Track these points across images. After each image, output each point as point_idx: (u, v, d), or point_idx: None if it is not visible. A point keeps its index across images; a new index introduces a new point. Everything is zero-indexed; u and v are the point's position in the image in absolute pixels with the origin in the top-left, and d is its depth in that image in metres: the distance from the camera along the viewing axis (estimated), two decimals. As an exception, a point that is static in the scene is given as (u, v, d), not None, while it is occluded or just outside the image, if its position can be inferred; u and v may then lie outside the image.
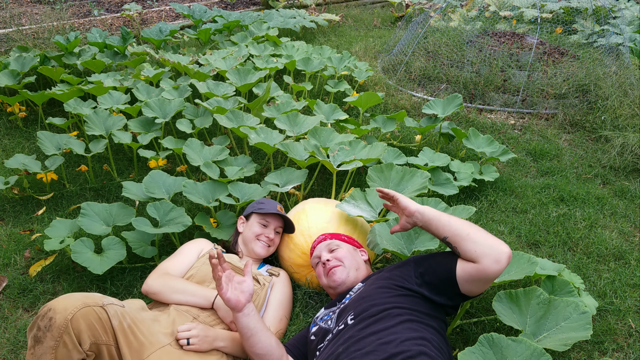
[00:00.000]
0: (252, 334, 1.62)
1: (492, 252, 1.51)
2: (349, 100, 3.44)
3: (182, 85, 3.50)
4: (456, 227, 1.60)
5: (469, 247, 1.55)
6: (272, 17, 5.58)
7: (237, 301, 1.61)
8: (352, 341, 1.48)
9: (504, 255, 1.50)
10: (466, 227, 1.58)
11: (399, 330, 1.46)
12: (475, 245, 1.54)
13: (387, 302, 1.57)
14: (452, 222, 1.62)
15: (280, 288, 2.04)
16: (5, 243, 2.45)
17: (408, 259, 1.75)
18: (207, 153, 2.79)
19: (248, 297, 1.63)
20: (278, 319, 1.93)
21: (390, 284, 1.64)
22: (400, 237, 2.11)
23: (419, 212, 1.69)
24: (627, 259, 2.43)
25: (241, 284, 1.64)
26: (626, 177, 3.21)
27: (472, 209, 2.18)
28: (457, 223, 1.61)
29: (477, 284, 1.57)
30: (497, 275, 1.52)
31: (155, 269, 1.96)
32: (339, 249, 1.97)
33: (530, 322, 1.80)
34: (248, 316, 1.62)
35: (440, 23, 5.16)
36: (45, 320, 1.37)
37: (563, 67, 4.22)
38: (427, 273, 1.64)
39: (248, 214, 2.25)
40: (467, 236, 1.56)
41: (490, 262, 1.51)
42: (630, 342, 1.96)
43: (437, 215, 1.65)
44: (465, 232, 1.57)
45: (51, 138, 2.92)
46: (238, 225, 2.25)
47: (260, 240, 2.14)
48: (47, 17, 5.28)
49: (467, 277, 1.56)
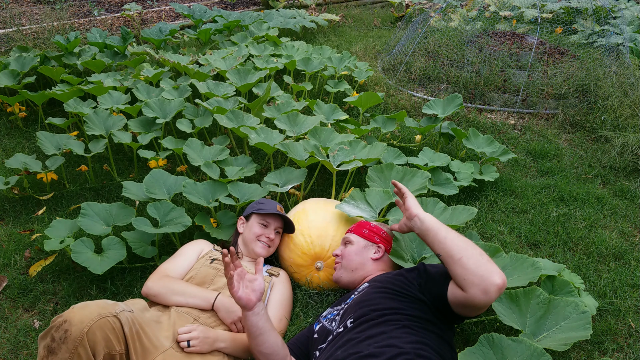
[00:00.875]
0: (261, 333, 1.62)
1: (482, 283, 1.41)
2: (349, 100, 3.44)
3: (182, 85, 3.50)
4: (451, 247, 1.51)
5: (458, 273, 1.47)
6: (272, 17, 5.58)
7: (248, 300, 1.60)
8: (350, 344, 1.48)
9: (494, 287, 1.40)
10: (460, 250, 1.49)
11: (398, 335, 1.46)
12: (465, 272, 1.45)
13: (388, 307, 1.56)
14: (447, 241, 1.53)
15: (280, 288, 2.04)
16: (5, 243, 2.45)
17: (418, 265, 1.71)
18: (207, 153, 2.79)
19: (259, 295, 1.62)
20: (278, 318, 1.93)
21: (391, 289, 1.63)
22: (412, 240, 2.10)
23: (418, 217, 1.64)
24: (627, 259, 2.43)
25: (252, 282, 1.63)
26: (626, 177, 3.21)
27: (474, 209, 2.17)
28: (453, 243, 1.52)
29: (467, 310, 1.51)
30: (485, 305, 1.44)
31: (155, 271, 1.96)
32: (349, 246, 2.01)
33: (530, 322, 1.80)
34: (258, 315, 1.62)
35: (440, 23, 5.16)
36: (61, 332, 1.37)
37: (563, 67, 4.22)
38: (425, 287, 1.60)
39: (248, 215, 2.25)
40: (458, 260, 1.47)
41: (478, 293, 1.42)
42: (630, 342, 1.96)
43: (436, 228, 1.58)
44: (458, 255, 1.48)
45: (51, 138, 2.92)
46: (238, 225, 2.25)
47: (261, 241, 2.14)
48: (47, 17, 5.28)
49: (456, 303, 1.51)
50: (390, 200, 2.34)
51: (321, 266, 2.16)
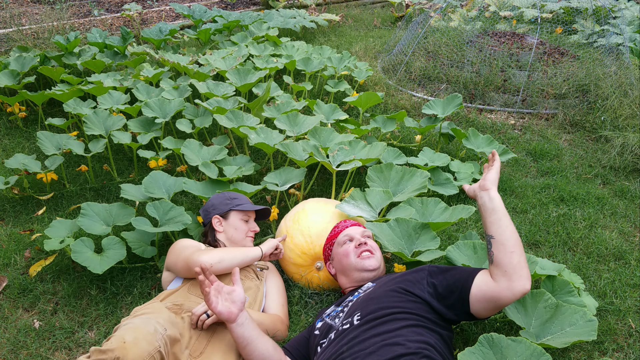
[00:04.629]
0: (248, 343, 1.61)
1: (515, 281, 1.50)
2: (349, 100, 3.44)
3: (182, 85, 3.50)
4: (509, 237, 1.56)
5: (504, 262, 1.53)
6: (272, 17, 5.59)
7: (230, 312, 1.59)
8: (356, 341, 1.48)
9: (520, 288, 1.50)
10: (515, 244, 1.55)
11: (404, 333, 1.46)
12: (509, 265, 1.52)
13: (395, 305, 1.57)
14: (508, 230, 1.58)
15: (274, 278, 2.11)
16: (5, 243, 2.45)
17: (423, 267, 1.73)
18: (205, 153, 2.79)
19: (240, 306, 1.61)
20: (281, 304, 2.01)
21: (400, 288, 1.64)
22: (401, 237, 2.11)
23: (489, 194, 1.65)
24: (627, 259, 2.43)
25: (231, 294, 1.62)
26: (626, 177, 3.21)
27: (472, 208, 2.18)
28: (512, 235, 1.57)
29: (487, 305, 1.55)
30: (507, 303, 1.52)
31: (191, 253, 1.89)
32: (370, 240, 2.02)
33: (535, 324, 1.80)
34: (242, 325, 1.61)
35: (440, 23, 5.16)
36: None
37: (563, 67, 4.22)
38: (440, 285, 1.62)
39: (225, 212, 2.22)
40: (510, 253, 1.53)
41: (506, 287, 1.50)
42: (630, 342, 1.96)
43: (502, 213, 1.61)
44: (512, 248, 1.54)
45: (51, 138, 2.92)
46: (214, 224, 2.19)
47: (249, 236, 2.20)
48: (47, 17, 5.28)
49: (480, 296, 1.55)
50: (390, 200, 2.34)
51: (321, 266, 2.16)
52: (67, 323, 2.02)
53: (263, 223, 2.62)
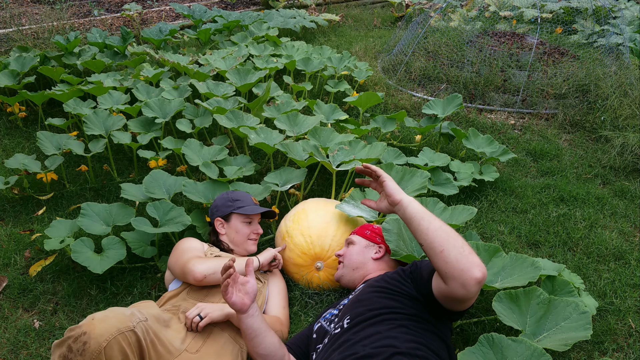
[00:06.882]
0: (256, 335, 1.62)
1: (460, 277, 1.37)
2: (349, 100, 3.44)
3: (182, 85, 3.50)
4: (433, 238, 1.43)
5: (439, 265, 1.41)
6: (272, 17, 5.59)
7: (243, 303, 1.59)
8: (346, 345, 1.47)
9: (473, 281, 1.36)
10: (442, 242, 1.42)
11: (394, 334, 1.45)
12: (446, 265, 1.39)
13: (383, 306, 1.55)
14: (430, 231, 1.45)
15: (277, 280, 2.12)
16: (5, 243, 2.45)
17: (412, 263, 1.70)
18: (206, 153, 2.79)
19: (252, 297, 1.62)
20: (282, 307, 2.02)
21: (386, 288, 1.63)
22: (412, 238, 2.09)
23: (402, 204, 1.54)
24: (627, 259, 2.43)
25: (245, 285, 1.62)
26: (626, 177, 3.21)
27: (474, 209, 2.17)
28: (435, 233, 1.44)
29: (452, 303, 1.46)
30: (467, 298, 1.41)
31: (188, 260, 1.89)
32: (351, 246, 2.05)
33: (530, 322, 1.80)
34: (252, 317, 1.61)
35: (440, 23, 5.16)
36: (79, 343, 1.37)
37: (563, 67, 4.22)
38: (417, 284, 1.58)
39: (227, 215, 2.20)
40: (440, 253, 1.41)
41: (457, 286, 1.38)
42: (630, 342, 1.96)
43: (419, 216, 1.49)
44: (439, 247, 1.41)
45: (51, 138, 2.92)
46: (217, 227, 2.19)
47: (251, 239, 2.19)
48: (47, 17, 5.28)
49: (441, 296, 1.47)
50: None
51: (321, 266, 2.16)
52: (67, 323, 2.02)
53: (263, 223, 2.62)
